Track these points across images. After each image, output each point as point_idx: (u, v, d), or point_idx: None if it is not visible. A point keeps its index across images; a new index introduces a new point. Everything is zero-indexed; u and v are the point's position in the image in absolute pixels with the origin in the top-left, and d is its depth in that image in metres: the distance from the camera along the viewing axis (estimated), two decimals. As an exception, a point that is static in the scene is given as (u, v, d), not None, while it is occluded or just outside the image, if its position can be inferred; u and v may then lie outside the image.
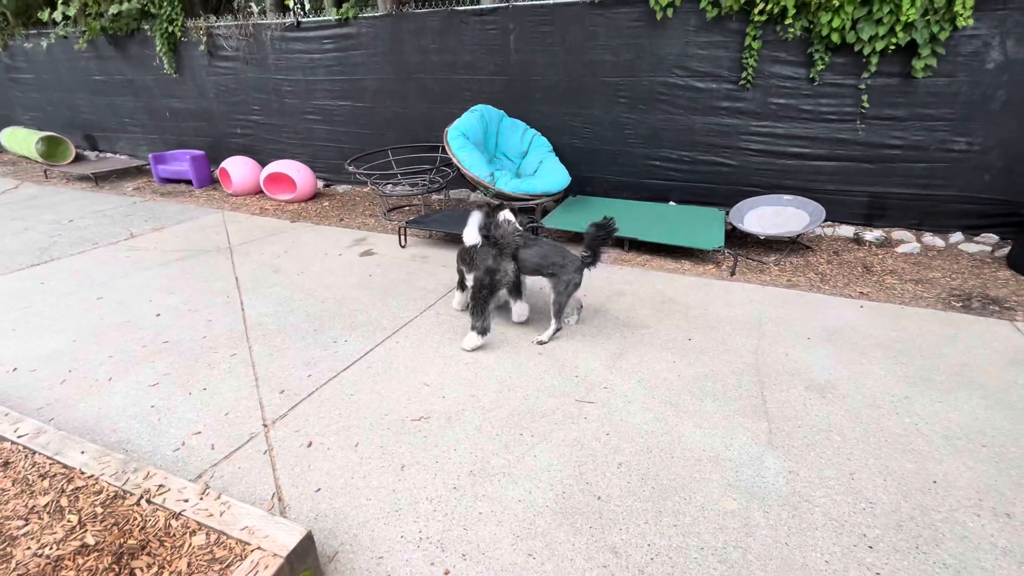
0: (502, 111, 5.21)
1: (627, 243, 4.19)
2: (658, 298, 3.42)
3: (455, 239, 4.56)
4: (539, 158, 5.08)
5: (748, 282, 3.67)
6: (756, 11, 4.06)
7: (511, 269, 2.88)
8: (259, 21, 6.29)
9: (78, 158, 8.37)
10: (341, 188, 6.59)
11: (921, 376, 2.54)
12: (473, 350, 2.80)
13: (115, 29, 7.14)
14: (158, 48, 6.91)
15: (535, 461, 2.00)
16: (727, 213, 4.58)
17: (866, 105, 4.10)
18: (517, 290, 3.02)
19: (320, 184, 6.67)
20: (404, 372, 2.61)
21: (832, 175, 4.41)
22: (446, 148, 4.62)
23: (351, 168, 5.08)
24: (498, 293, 2.83)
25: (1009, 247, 3.95)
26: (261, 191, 6.29)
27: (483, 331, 2.77)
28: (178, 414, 2.32)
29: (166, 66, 7.04)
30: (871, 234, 4.32)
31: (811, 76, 4.17)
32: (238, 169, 6.26)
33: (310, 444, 2.10)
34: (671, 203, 5.04)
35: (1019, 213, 3.89)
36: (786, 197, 4.34)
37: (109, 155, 8.61)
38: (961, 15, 3.56)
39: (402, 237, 4.48)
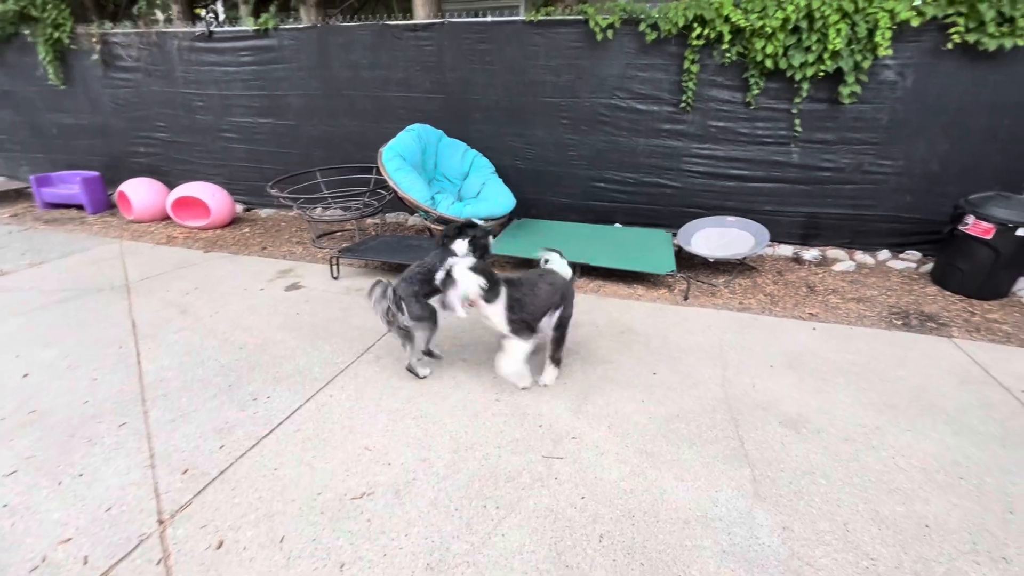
0: (440, 131, 4.94)
1: (579, 269, 4.01)
2: (616, 328, 3.25)
3: (394, 268, 4.20)
4: (481, 180, 4.84)
5: (702, 306, 3.59)
6: (693, 36, 4.09)
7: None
8: (164, 30, 5.66)
9: (-62, 180, 7.17)
10: (264, 212, 6.01)
11: (885, 402, 2.50)
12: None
13: (-15, 33, 6.18)
14: (42, 56, 6.05)
15: (504, 542, 1.69)
16: (674, 235, 4.55)
17: (799, 129, 4.22)
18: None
19: (239, 208, 6.05)
20: (340, 434, 2.22)
21: (770, 196, 4.50)
22: (381, 170, 4.27)
23: (274, 191, 4.59)
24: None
25: (932, 264, 4.17)
26: (168, 217, 5.58)
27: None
28: (41, 514, 1.80)
29: (52, 76, 6.17)
30: (809, 253, 4.43)
31: (747, 100, 4.24)
32: (140, 192, 5.54)
33: (220, 544, 1.68)
34: (617, 225, 4.97)
35: (937, 231, 4.11)
36: (729, 218, 4.37)
37: (-20, 176, 7.44)
38: (881, 44, 3.74)
39: (334, 268, 4.05)
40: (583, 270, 4.04)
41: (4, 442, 2.17)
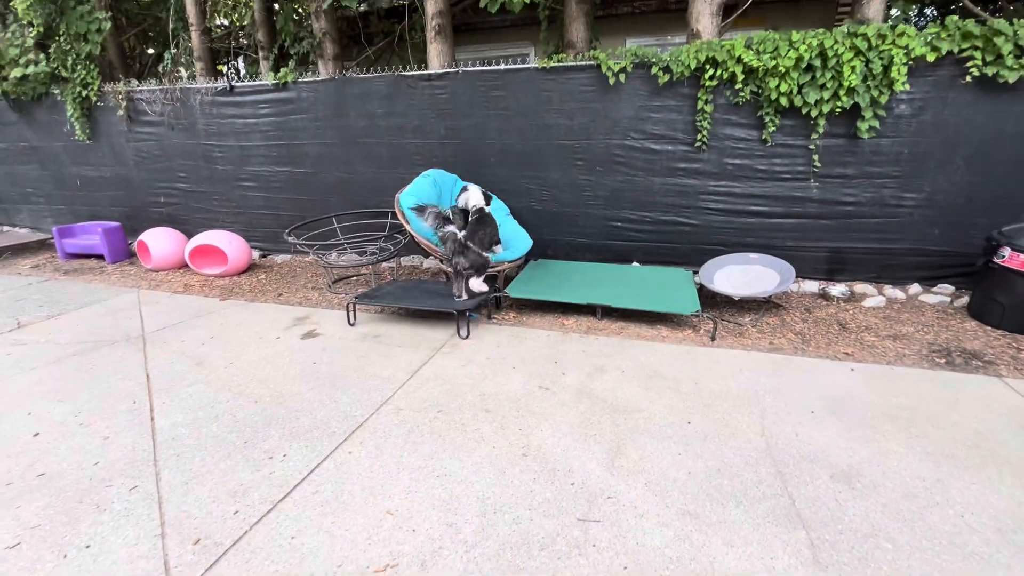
0: (455, 175, 4.98)
1: (599, 310, 3.92)
2: (644, 372, 3.12)
3: (412, 315, 4.13)
4: (497, 222, 4.82)
5: (731, 348, 3.46)
6: (706, 77, 4.12)
7: None
8: (187, 85, 5.87)
9: (-35, 233, 7.36)
10: (280, 258, 6.03)
11: (942, 452, 2.32)
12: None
13: (19, 93, 6.46)
14: (69, 113, 6.28)
15: (543, 622, 1.54)
16: (695, 273, 4.46)
17: (818, 164, 4.18)
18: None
19: (256, 255, 6.09)
20: (361, 496, 2.09)
21: (792, 232, 4.42)
22: (399, 216, 4.28)
23: (290, 238, 4.61)
24: None
25: (967, 297, 4.01)
26: (186, 265, 5.62)
27: None
28: (43, 593, 1.68)
29: (78, 132, 6.39)
30: (836, 289, 4.30)
31: (763, 138, 4.23)
32: (159, 241, 5.60)
33: (234, 628, 1.54)
34: (635, 264, 4.89)
35: (970, 264, 3.98)
36: (752, 255, 4.28)
37: (6, 228, 7.63)
38: (897, 80, 3.73)
39: (351, 314, 4.00)
40: (604, 311, 3.93)
41: (10, 509, 2.07)
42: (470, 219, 4.21)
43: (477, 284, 3.99)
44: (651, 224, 4.76)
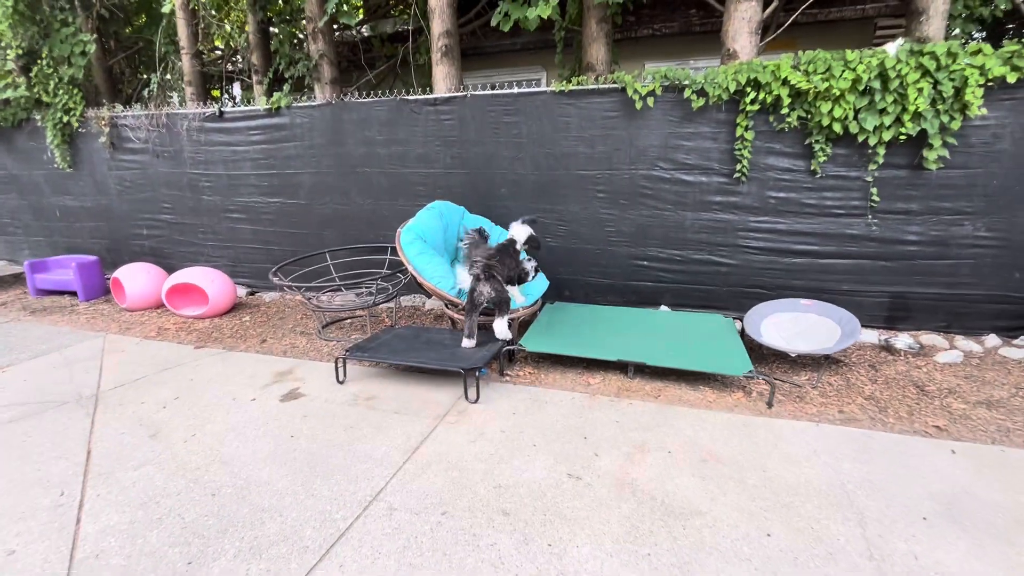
0: (462, 208, 4.48)
1: (631, 368, 3.35)
2: (695, 454, 2.53)
3: (412, 370, 3.56)
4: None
5: (794, 417, 2.88)
6: (747, 100, 3.65)
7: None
8: (175, 111, 5.46)
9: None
10: (268, 297, 5.51)
11: (1123, 589, 1.72)
12: None
13: (-2, 119, 6.07)
14: (50, 140, 5.86)
15: None
16: (736, 321, 3.91)
17: (876, 198, 3.67)
18: None
19: (242, 292, 5.57)
20: (334, 665, 1.50)
21: (846, 274, 3.88)
22: (400, 255, 3.76)
23: (276, 279, 4.09)
24: None
25: (1060, 353, 3.44)
26: (164, 305, 5.10)
27: None
28: None
29: (59, 160, 5.96)
30: (901, 340, 3.73)
31: (812, 168, 3.74)
32: (135, 278, 5.09)
33: None
34: (663, 308, 4.34)
35: (1059, 313, 3.43)
36: (803, 302, 3.73)
37: (-21, 261, 7.15)
38: (973, 104, 3.25)
39: (340, 371, 3.43)
40: (635, 368, 3.36)
41: None
42: (498, 245, 3.72)
43: (503, 328, 3.44)
44: (682, 264, 4.23)
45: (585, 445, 2.63)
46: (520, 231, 3.80)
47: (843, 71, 3.41)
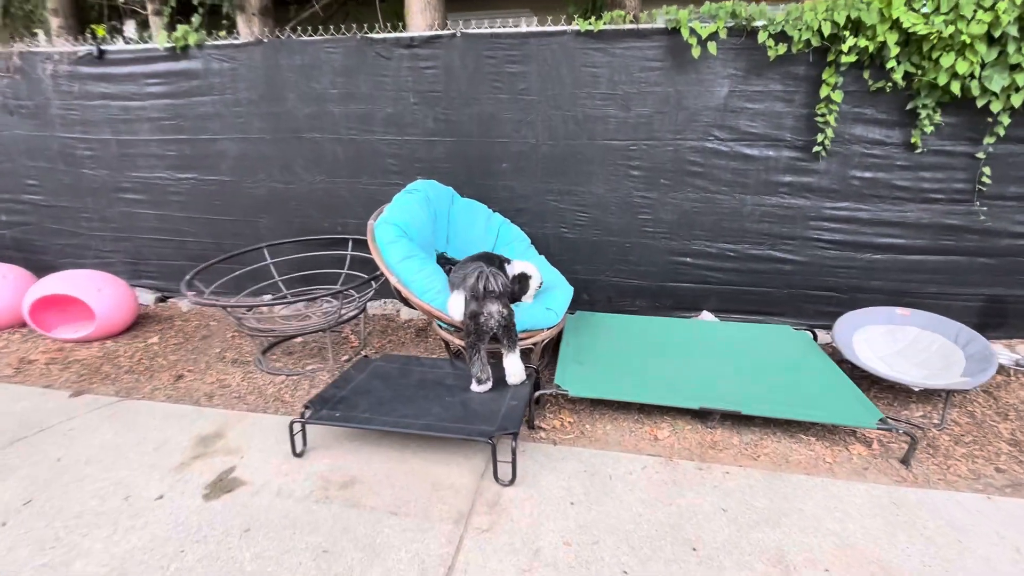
0: (450, 188, 3.39)
1: (717, 415, 2.46)
2: (860, 567, 1.69)
3: (402, 440, 2.50)
4: (515, 258, 3.27)
5: (949, 484, 2.11)
6: (845, 47, 2.76)
7: None
8: (33, 48, 3.89)
9: None
10: (187, 304, 4.17)
11: None
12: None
13: None
14: None
15: None
16: (813, 334, 3.11)
17: (987, 180, 2.93)
18: None
19: (149, 299, 4.21)
20: None
21: (934, 273, 3.17)
22: (376, 259, 2.64)
23: (190, 294, 2.86)
24: None
25: None
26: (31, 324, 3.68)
27: None
28: None
29: None
30: (1006, 356, 3.08)
31: (912, 141, 2.93)
32: (-16, 288, 3.63)
33: None
34: (704, 314, 3.49)
35: None
36: (900, 311, 2.98)
37: None
38: None
39: (296, 441, 2.30)
40: (715, 415, 2.48)
41: None
42: (480, 254, 2.71)
43: (518, 368, 2.44)
44: (735, 260, 3.37)
45: (696, 560, 1.73)
46: (517, 266, 2.81)
47: (976, 12, 2.57)
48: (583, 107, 3.24)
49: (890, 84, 2.83)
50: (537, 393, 2.46)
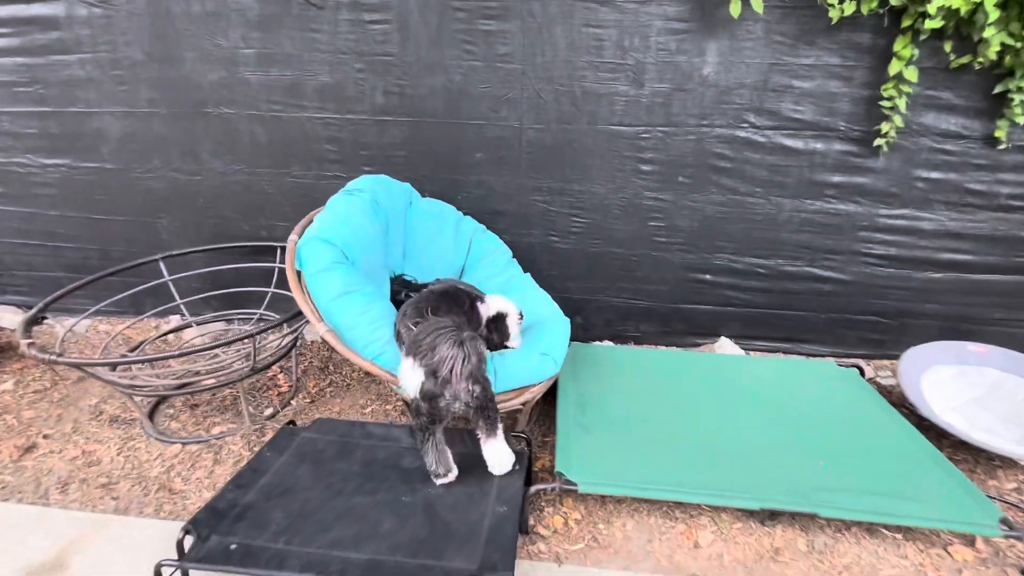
0: (407, 185, 2.59)
1: (786, 516, 1.82)
2: None
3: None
4: (496, 278, 2.53)
5: (1101, 618, 1.54)
6: (931, 7, 2.09)
7: None
8: None
9: None
10: (65, 326, 3.21)
11: None
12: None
13: None
14: None
15: None
16: (860, 371, 2.52)
17: (1081, 184, 2.37)
18: None
19: (12, 321, 3.22)
20: None
21: (1003, 295, 2.62)
22: (298, 295, 1.85)
23: (28, 347, 1.99)
24: None
25: None
26: None
27: None
28: None
29: None
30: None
31: (995, 134, 2.33)
32: None
33: None
34: (722, 343, 2.86)
35: None
36: (973, 347, 2.41)
37: None
38: None
39: None
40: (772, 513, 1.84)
41: None
42: (436, 290, 1.96)
43: (502, 455, 1.72)
44: (764, 278, 2.73)
45: None
46: (492, 304, 2.06)
47: (1107, -37, 1.95)
48: (582, 80, 2.48)
49: (979, 60, 2.20)
50: (533, 489, 1.74)
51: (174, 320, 3.05)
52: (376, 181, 2.33)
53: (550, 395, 2.25)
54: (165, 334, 2.82)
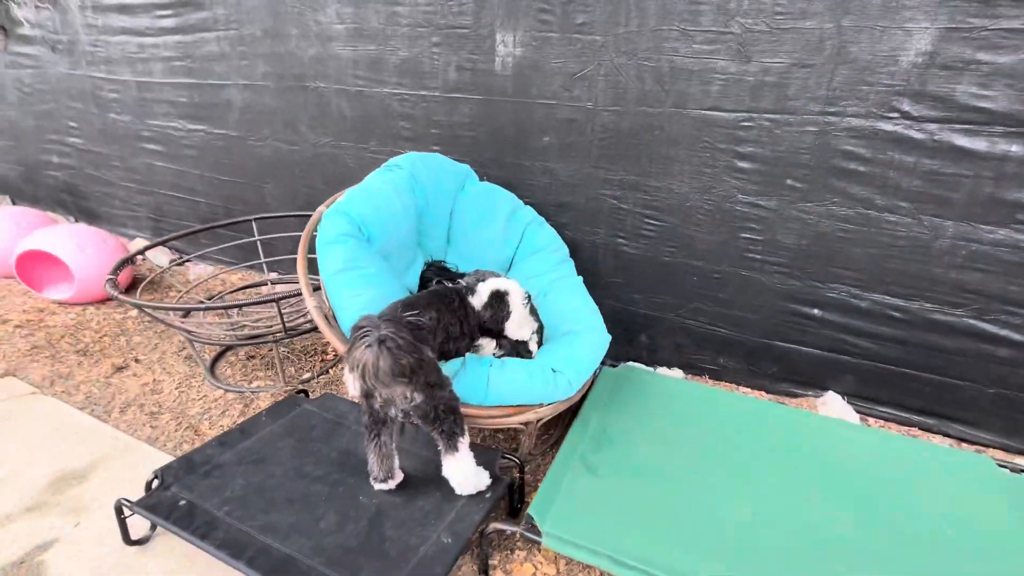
0: (465, 166, 2.43)
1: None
2: None
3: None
4: (541, 277, 2.25)
5: None
6: None
7: None
8: (67, -25, 3.58)
9: None
10: (196, 270, 3.75)
11: None
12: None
13: None
14: (-73, 18, 4.19)
15: None
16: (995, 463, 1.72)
17: None
18: None
19: (164, 261, 3.84)
20: None
21: None
22: (299, 259, 1.82)
23: (113, 291, 2.27)
24: None
25: None
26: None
27: None
28: None
29: (-56, 49, 4.31)
30: None
31: None
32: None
33: None
34: (830, 399, 2.19)
35: None
36: None
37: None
38: None
39: (126, 527, 1.57)
40: None
41: None
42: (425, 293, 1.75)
43: (462, 472, 1.49)
44: (902, 324, 2.02)
45: None
46: (487, 284, 1.74)
47: None
48: (671, 54, 2.05)
49: None
50: (490, 527, 1.47)
51: (272, 275, 3.34)
52: (422, 159, 2.21)
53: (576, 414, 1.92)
54: (242, 288, 3.08)
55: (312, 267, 1.87)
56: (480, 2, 2.31)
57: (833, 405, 2.21)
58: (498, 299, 1.69)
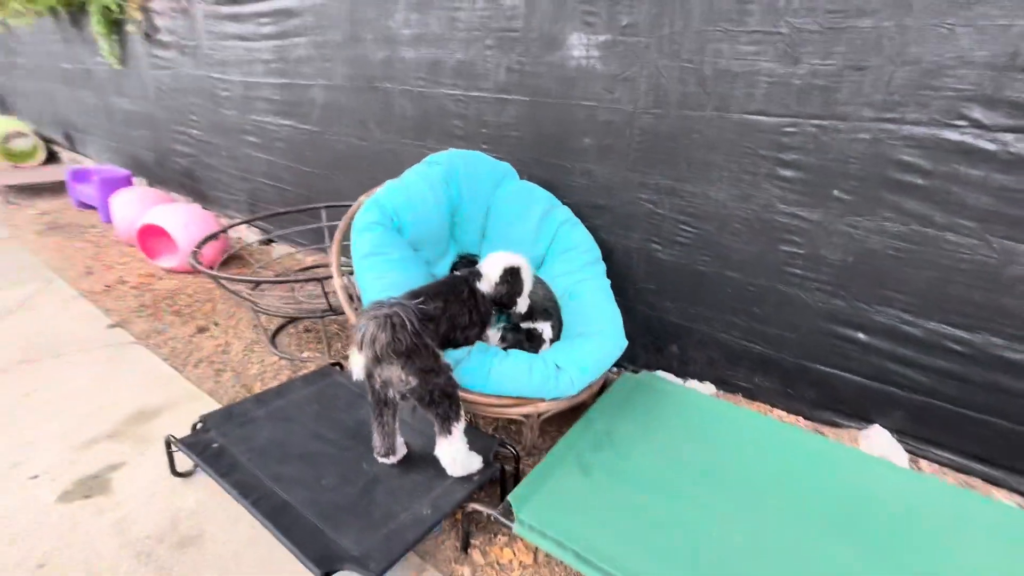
0: (506, 164, 2.51)
1: None
2: None
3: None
4: (567, 276, 2.28)
5: None
6: None
7: None
8: (196, -10, 4.15)
9: (52, 159, 6.96)
10: (279, 251, 4.19)
11: None
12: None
13: (63, 4, 5.42)
14: (95, 28, 5.04)
15: None
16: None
17: None
18: None
19: (254, 239, 4.34)
20: None
21: None
22: (331, 255, 2.00)
23: (196, 262, 2.63)
24: None
25: None
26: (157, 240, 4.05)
27: None
28: None
29: (105, 53, 5.17)
30: None
31: None
32: (126, 206, 4.12)
33: None
34: (875, 432, 2.00)
35: None
36: None
37: (82, 159, 7.07)
38: None
39: (173, 458, 1.85)
40: None
41: None
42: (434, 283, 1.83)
43: (454, 458, 1.58)
44: (962, 359, 1.80)
45: None
46: (496, 261, 1.77)
47: None
48: (715, 55, 1.98)
49: None
50: (470, 506, 1.54)
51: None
52: (461, 156, 2.32)
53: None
54: (310, 267, 3.40)
55: (348, 252, 2.06)
56: (531, 5, 2.38)
57: (878, 440, 2.01)
58: (513, 275, 1.76)
